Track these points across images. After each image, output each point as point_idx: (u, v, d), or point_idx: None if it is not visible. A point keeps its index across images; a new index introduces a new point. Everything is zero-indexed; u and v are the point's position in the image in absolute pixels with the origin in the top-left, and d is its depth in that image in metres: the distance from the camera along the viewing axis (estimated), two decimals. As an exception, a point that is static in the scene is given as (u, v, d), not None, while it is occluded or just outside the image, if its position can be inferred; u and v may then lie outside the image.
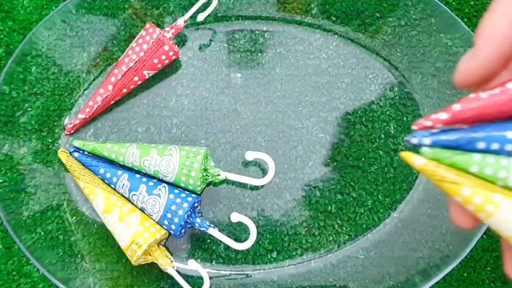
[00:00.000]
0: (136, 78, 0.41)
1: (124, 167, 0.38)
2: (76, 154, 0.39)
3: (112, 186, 0.37)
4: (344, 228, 0.38)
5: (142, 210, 0.35)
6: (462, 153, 0.23)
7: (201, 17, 0.42)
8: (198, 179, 0.35)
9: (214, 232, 0.34)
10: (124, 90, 0.41)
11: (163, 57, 0.40)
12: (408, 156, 0.23)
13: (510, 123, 0.22)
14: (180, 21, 0.42)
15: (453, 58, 0.39)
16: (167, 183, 0.36)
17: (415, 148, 0.23)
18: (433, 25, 0.40)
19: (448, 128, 0.23)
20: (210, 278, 0.34)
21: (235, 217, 0.33)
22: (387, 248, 0.37)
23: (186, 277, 0.34)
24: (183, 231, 0.35)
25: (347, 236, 0.38)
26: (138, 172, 0.37)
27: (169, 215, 0.34)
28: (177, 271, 0.35)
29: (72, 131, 0.41)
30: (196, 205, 0.35)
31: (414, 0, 0.40)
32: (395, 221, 0.38)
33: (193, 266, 0.34)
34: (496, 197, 0.22)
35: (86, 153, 0.39)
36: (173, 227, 0.34)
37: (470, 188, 0.22)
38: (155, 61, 0.40)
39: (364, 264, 0.36)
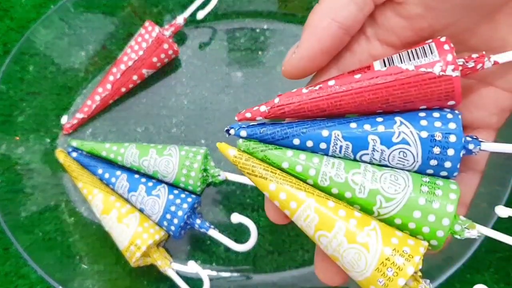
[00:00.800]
0: (135, 77, 0.40)
1: (123, 167, 0.37)
2: (74, 154, 0.39)
3: (111, 186, 0.37)
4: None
5: (141, 211, 0.35)
6: (276, 148, 0.23)
7: (200, 15, 0.42)
8: (198, 179, 0.34)
9: (214, 233, 0.34)
10: (123, 89, 0.41)
11: (163, 55, 0.40)
12: (223, 148, 0.23)
13: (328, 122, 0.22)
14: (180, 19, 0.41)
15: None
16: (167, 183, 0.36)
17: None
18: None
19: (268, 122, 0.23)
20: (210, 280, 0.34)
21: (236, 218, 0.33)
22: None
23: (186, 279, 0.34)
24: (182, 232, 0.34)
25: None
26: (137, 172, 0.37)
27: (168, 216, 0.34)
28: (177, 273, 0.34)
29: (70, 131, 0.41)
30: (196, 205, 0.35)
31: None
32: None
33: (193, 267, 0.34)
34: (301, 195, 0.21)
35: (84, 153, 0.39)
36: (172, 228, 0.34)
37: (275, 184, 0.22)
38: (154, 59, 0.40)
39: (366, 265, 0.36)
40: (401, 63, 0.21)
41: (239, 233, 0.37)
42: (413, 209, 0.21)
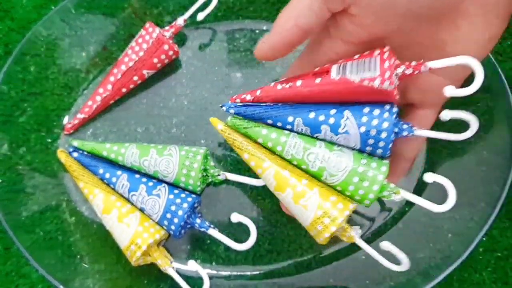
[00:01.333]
0: (135, 78, 0.41)
1: (123, 167, 0.38)
2: (75, 154, 0.39)
3: (112, 186, 0.37)
4: (344, 229, 0.38)
5: (141, 210, 0.35)
6: (256, 125, 0.31)
7: (201, 16, 0.42)
8: (198, 179, 0.35)
9: (214, 232, 0.34)
10: (124, 90, 0.41)
11: (163, 56, 0.40)
12: (214, 121, 0.32)
13: (295, 109, 0.29)
14: (180, 20, 0.42)
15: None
16: (167, 183, 0.36)
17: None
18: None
19: (252, 104, 0.31)
20: (210, 279, 0.34)
21: (235, 217, 0.33)
22: (388, 249, 0.37)
23: (186, 278, 0.34)
24: (183, 231, 0.35)
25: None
26: (138, 172, 0.37)
27: (168, 216, 0.34)
28: (177, 272, 0.34)
29: (71, 131, 0.41)
30: (196, 205, 0.35)
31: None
32: (396, 221, 0.37)
33: (193, 266, 0.34)
34: (265, 164, 0.30)
35: (85, 153, 0.39)
36: (172, 227, 0.34)
37: (248, 155, 0.31)
38: (155, 60, 0.40)
39: (365, 265, 0.36)
40: (351, 73, 0.26)
41: (239, 233, 0.37)
42: (348, 184, 0.29)
